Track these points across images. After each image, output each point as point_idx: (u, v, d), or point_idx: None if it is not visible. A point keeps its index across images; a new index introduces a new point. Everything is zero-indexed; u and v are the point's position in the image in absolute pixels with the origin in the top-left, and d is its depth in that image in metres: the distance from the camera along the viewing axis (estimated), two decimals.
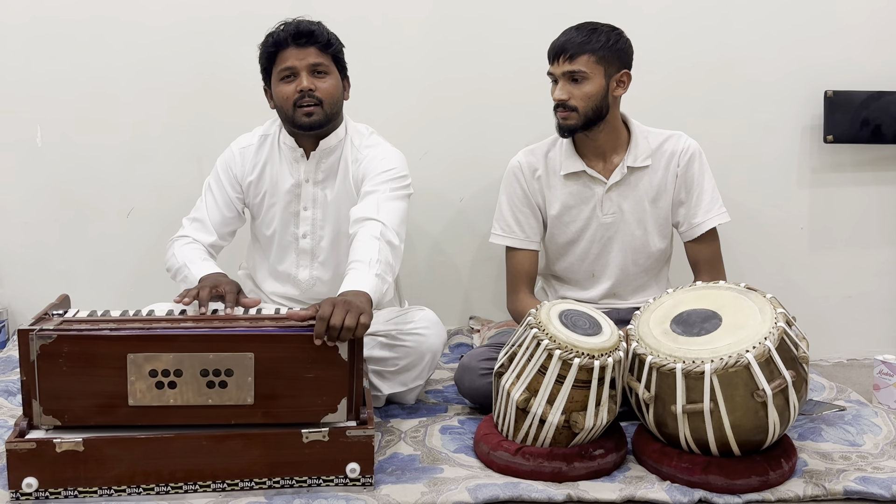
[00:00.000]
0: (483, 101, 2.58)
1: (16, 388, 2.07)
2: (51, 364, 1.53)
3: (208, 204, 2.09)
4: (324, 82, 1.97)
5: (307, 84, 1.94)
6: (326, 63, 1.98)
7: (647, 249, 2.16)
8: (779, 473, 1.64)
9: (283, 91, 1.96)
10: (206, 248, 2.05)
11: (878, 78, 2.57)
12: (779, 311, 1.66)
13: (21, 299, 2.62)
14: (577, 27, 2.03)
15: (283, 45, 1.95)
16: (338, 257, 2.08)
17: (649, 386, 1.66)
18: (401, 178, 2.00)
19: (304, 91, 1.94)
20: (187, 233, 2.06)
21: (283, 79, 1.96)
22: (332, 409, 1.59)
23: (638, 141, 2.11)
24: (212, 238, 2.07)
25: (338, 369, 1.58)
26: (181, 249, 2.02)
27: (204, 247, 2.05)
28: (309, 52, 1.95)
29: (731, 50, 2.57)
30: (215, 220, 2.08)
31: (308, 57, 1.95)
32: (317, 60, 1.96)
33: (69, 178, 2.56)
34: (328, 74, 1.98)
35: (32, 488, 1.55)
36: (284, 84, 1.96)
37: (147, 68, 2.51)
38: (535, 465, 1.67)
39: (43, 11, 2.47)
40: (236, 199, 2.10)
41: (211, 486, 1.59)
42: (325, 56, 1.97)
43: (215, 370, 1.55)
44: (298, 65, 1.94)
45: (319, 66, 1.96)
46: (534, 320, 1.71)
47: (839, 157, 2.63)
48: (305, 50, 1.95)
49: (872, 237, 2.68)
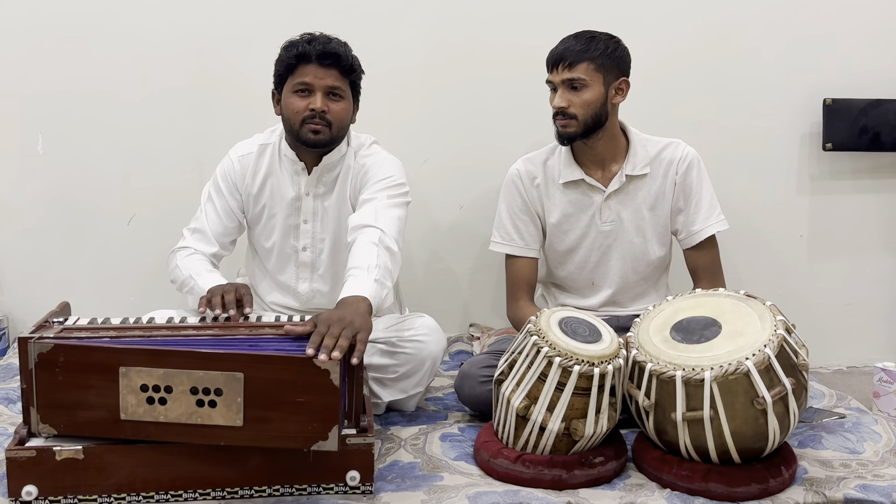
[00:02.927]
0: (482, 110, 2.59)
1: (16, 396, 2.07)
2: (48, 373, 1.52)
3: (209, 214, 2.08)
4: (337, 105, 1.96)
5: (321, 105, 1.93)
6: (344, 87, 1.97)
7: (646, 257, 2.16)
8: (779, 481, 1.64)
9: (295, 104, 1.95)
10: (208, 259, 2.04)
11: (877, 86, 2.58)
12: (778, 319, 1.66)
13: (22, 306, 2.62)
14: (575, 35, 2.03)
15: (306, 60, 1.93)
16: (337, 269, 2.07)
17: (649, 393, 1.66)
18: (398, 185, 2.00)
19: (317, 111, 1.93)
20: (189, 244, 2.05)
21: (298, 92, 1.95)
22: (322, 436, 1.52)
23: (636, 149, 2.12)
24: (213, 248, 2.06)
25: (329, 395, 1.51)
26: (184, 261, 2.00)
27: (206, 257, 2.04)
28: (330, 74, 1.93)
29: (730, 58, 2.58)
30: (216, 231, 2.07)
31: (328, 78, 1.93)
32: (335, 84, 1.94)
33: (70, 185, 2.57)
34: (343, 98, 1.97)
35: (32, 496, 1.54)
36: (298, 98, 1.95)
37: (148, 76, 2.52)
38: (535, 472, 1.67)
39: (44, 19, 2.48)
40: (237, 208, 2.10)
41: (211, 493, 1.59)
42: (344, 80, 1.96)
43: (205, 388, 1.51)
44: (317, 84, 1.93)
45: (337, 89, 1.95)
46: (534, 328, 1.71)
47: (838, 164, 2.64)
48: (327, 70, 1.93)
49: (871, 244, 2.68)
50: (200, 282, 1.92)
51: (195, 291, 1.92)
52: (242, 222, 2.14)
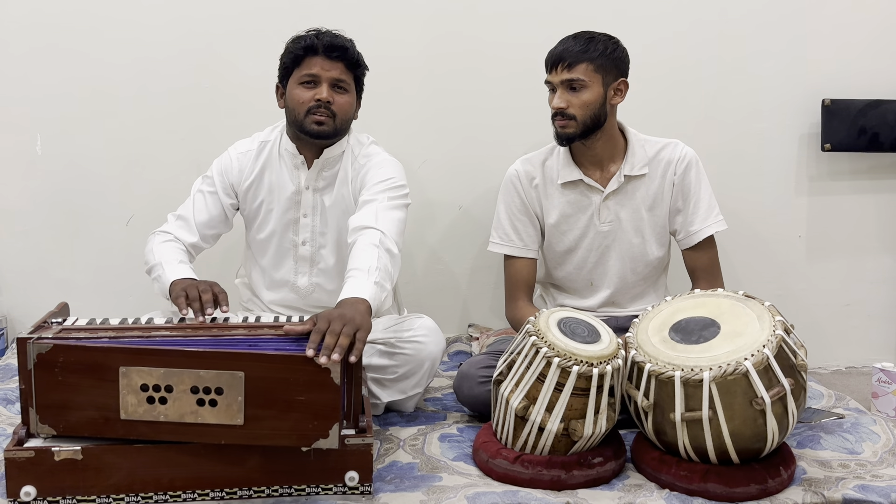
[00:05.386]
0: (481, 110, 2.59)
1: (14, 397, 2.07)
2: (47, 373, 1.52)
3: (196, 204, 2.08)
4: (342, 97, 1.99)
5: (326, 95, 1.96)
6: (349, 81, 2.01)
7: (644, 258, 2.16)
8: (777, 481, 1.64)
9: (300, 95, 1.97)
10: (185, 248, 2.03)
11: (876, 86, 2.58)
12: (777, 319, 1.66)
13: (20, 307, 2.63)
14: (574, 36, 2.04)
15: (313, 52, 1.97)
16: (337, 264, 2.08)
17: (648, 394, 1.66)
18: (399, 187, 2.01)
19: (322, 101, 1.96)
20: (170, 229, 2.05)
21: (304, 83, 1.98)
22: (323, 434, 1.54)
23: (635, 149, 2.12)
24: (193, 238, 2.05)
25: (330, 393, 1.52)
26: (160, 247, 2.00)
27: (184, 246, 2.03)
28: (336, 66, 1.97)
29: (729, 59, 2.58)
30: (200, 221, 2.07)
31: (334, 70, 1.97)
32: (341, 76, 1.98)
33: (69, 185, 2.57)
34: (347, 92, 2.01)
35: (31, 497, 1.54)
36: (303, 89, 1.98)
37: (146, 76, 2.52)
38: (533, 473, 1.67)
39: (42, 20, 2.48)
40: (229, 204, 2.10)
41: (210, 494, 1.59)
42: (349, 74, 2.00)
43: (205, 388, 1.51)
44: (323, 75, 1.96)
45: (342, 82, 1.99)
46: (532, 328, 1.71)
47: (837, 165, 2.64)
48: (334, 63, 1.97)
49: (870, 245, 2.69)
50: (167, 272, 1.91)
51: (161, 280, 1.92)
52: (230, 219, 2.13)
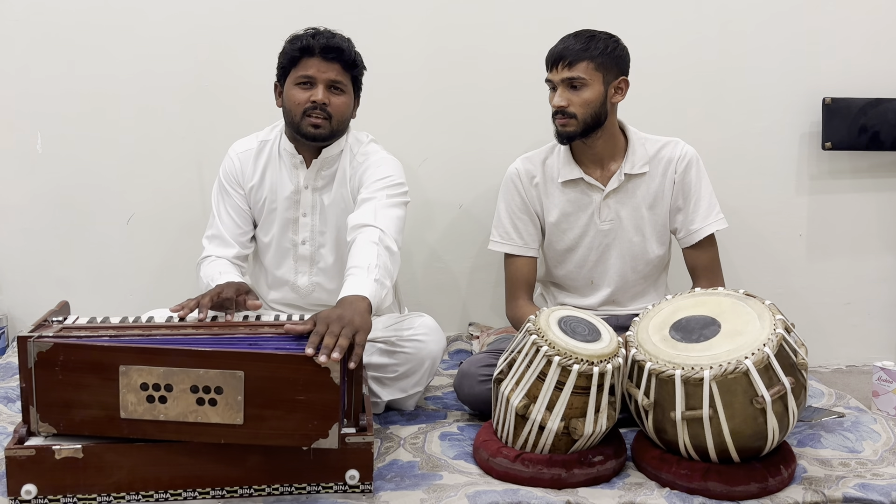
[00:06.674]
0: (482, 108, 2.59)
1: (15, 395, 2.07)
2: (48, 372, 1.52)
3: (221, 216, 2.09)
4: (338, 99, 1.98)
5: (322, 97, 1.95)
6: (346, 82, 1.99)
7: (645, 256, 2.16)
8: (778, 480, 1.64)
9: (297, 96, 1.97)
10: (229, 262, 2.05)
11: (876, 85, 2.58)
12: (777, 318, 1.66)
13: (21, 306, 2.63)
14: (574, 34, 2.03)
15: (309, 53, 1.95)
16: (337, 263, 2.08)
17: (648, 392, 1.66)
18: (398, 185, 2.01)
19: (317, 103, 1.95)
20: (209, 252, 2.07)
21: (300, 84, 1.97)
22: (323, 434, 1.53)
23: (635, 148, 2.12)
24: (233, 250, 2.07)
25: (329, 393, 1.52)
26: (205, 269, 2.03)
27: (228, 261, 2.05)
28: (333, 68, 1.96)
29: (729, 57, 2.58)
30: (232, 232, 2.08)
31: (330, 72, 1.96)
32: (338, 78, 1.97)
33: (69, 183, 2.57)
34: (344, 93, 1.99)
35: (32, 495, 1.54)
36: (299, 90, 1.97)
37: (147, 74, 2.52)
38: (534, 471, 1.67)
39: (42, 17, 2.48)
40: (245, 204, 2.11)
41: (210, 492, 1.59)
42: (346, 75, 1.99)
43: (205, 387, 1.51)
44: (319, 77, 1.95)
45: (339, 83, 1.98)
46: (533, 326, 1.71)
47: (837, 163, 2.64)
48: (330, 64, 1.95)
49: (871, 244, 2.68)
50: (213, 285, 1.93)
51: None
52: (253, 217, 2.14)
